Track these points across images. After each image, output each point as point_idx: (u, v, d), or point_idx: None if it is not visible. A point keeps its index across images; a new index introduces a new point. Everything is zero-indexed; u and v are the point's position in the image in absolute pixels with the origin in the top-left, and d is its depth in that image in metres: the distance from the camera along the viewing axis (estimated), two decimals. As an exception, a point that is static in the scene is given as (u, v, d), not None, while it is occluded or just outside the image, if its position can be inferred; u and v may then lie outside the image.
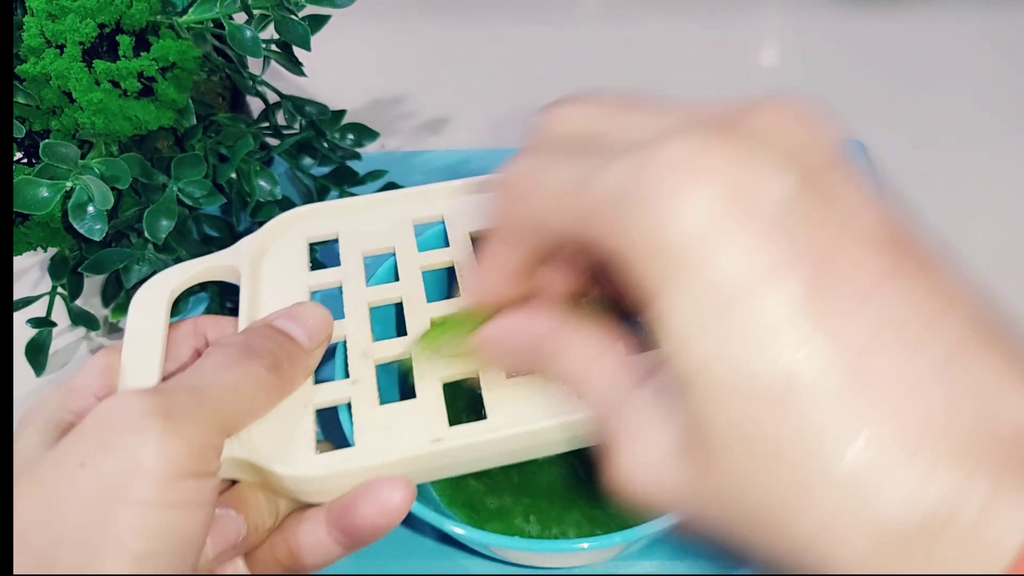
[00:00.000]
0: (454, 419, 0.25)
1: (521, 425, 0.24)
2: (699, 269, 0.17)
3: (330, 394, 0.25)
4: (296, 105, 0.43)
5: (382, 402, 0.25)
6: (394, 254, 0.30)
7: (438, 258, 0.29)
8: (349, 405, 0.25)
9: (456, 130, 0.55)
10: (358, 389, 0.25)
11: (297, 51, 0.39)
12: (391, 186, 0.45)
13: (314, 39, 0.37)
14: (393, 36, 0.62)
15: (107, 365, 0.25)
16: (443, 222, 0.31)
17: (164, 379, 0.25)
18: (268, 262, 0.29)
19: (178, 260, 0.37)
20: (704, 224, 0.17)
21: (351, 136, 0.45)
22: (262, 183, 0.39)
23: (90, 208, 0.32)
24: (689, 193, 0.17)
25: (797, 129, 0.19)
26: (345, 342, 0.27)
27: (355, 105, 0.51)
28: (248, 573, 0.25)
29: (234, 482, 0.24)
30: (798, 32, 0.62)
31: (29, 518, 0.20)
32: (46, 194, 0.31)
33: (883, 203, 0.18)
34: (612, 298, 0.25)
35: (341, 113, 0.44)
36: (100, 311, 0.43)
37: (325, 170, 0.44)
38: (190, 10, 0.36)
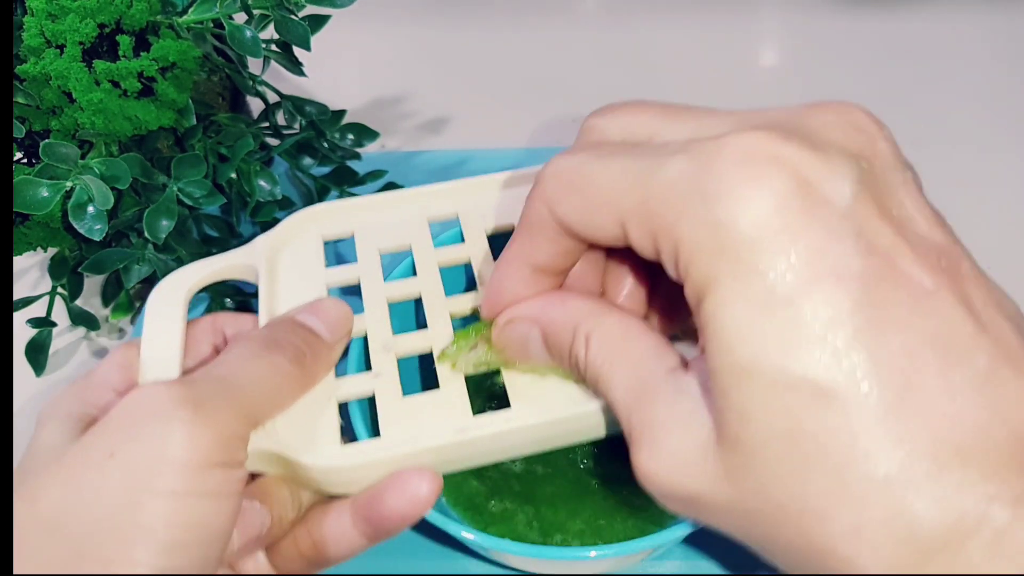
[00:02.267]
0: (478, 409, 0.25)
1: (544, 414, 0.24)
2: (759, 265, 0.17)
3: (354, 387, 0.26)
4: (296, 105, 0.43)
5: (405, 393, 0.25)
6: (411, 251, 0.30)
7: (454, 254, 0.30)
8: (371, 399, 0.25)
9: (456, 130, 0.55)
10: (381, 382, 0.26)
11: (297, 51, 0.39)
12: (391, 186, 0.45)
13: (314, 39, 0.37)
14: (393, 36, 0.62)
15: (126, 360, 0.26)
16: (458, 220, 0.31)
17: (184, 374, 0.25)
18: (285, 260, 0.30)
19: (178, 260, 0.37)
20: (770, 219, 0.17)
21: (351, 136, 0.45)
22: (262, 183, 0.39)
23: (90, 208, 0.32)
24: (757, 186, 0.17)
25: (858, 131, 0.19)
26: (366, 336, 0.27)
27: (355, 105, 0.51)
28: (267, 571, 0.25)
29: (256, 475, 0.24)
30: (798, 32, 0.62)
31: (60, 508, 0.20)
32: (46, 194, 0.31)
33: (934, 208, 0.19)
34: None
35: (341, 113, 0.44)
36: (100, 311, 0.43)
37: (325, 170, 0.44)
38: (190, 10, 0.36)
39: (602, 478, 0.35)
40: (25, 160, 0.36)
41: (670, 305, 0.25)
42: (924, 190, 0.19)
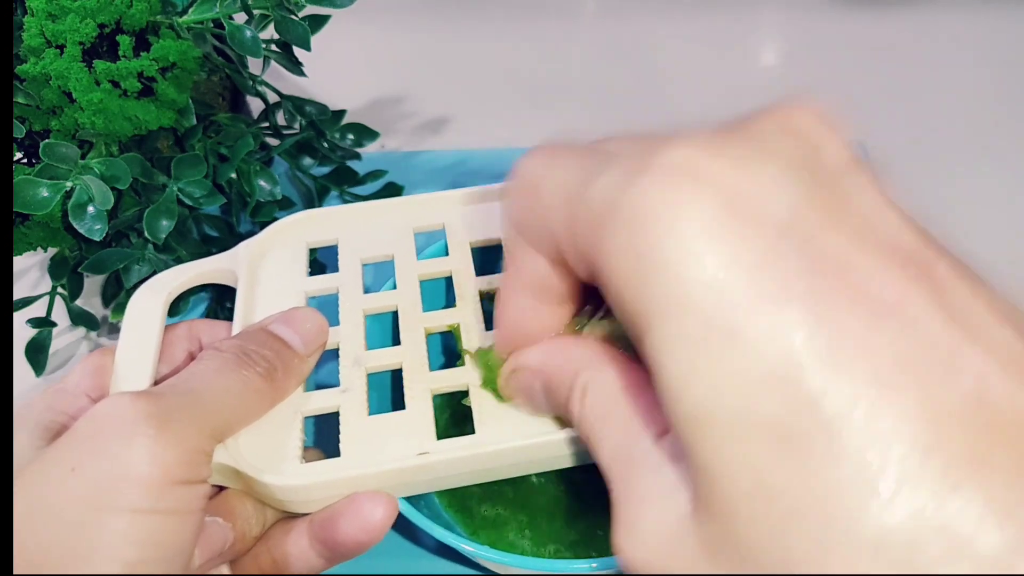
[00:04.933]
0: (445, 430, 0.24)
1: (509, 441, 0.23)
2: (693, 296, 0.15)
3: (319, 402, 0.25)
4: (296, 105, 0.43)
5: (372, 412, 0.25)
6: (393, 262, 0.30)
7: (437, 267, 0.29)
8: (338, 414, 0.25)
9: (456, 130, 0.55)
10: (348, 398, 0.25)
11: (297, 51, 0.39)
12: (391, 186, 0.45)
13: (314, 39, 0.37)
14: (393, 36, 0.62)
15: (100, 366, 0.25)
16: (444, 231, 0.30)
17: (156, 382, 0.25)
18: (266, 267, 0.29)
19: (178, 260, 0.37)
20: (697, 244, 0.15)
21: (351, 136, 0.45)
22: (262, 183, 0.39)
23: (90, 208, 0.32)
24: (683, 205, 0.15)
25: (808, 133, 0.17)
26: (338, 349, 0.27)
27: (355, 105, 0.51)
28: None
29: (222, 488, 0.24)
30: (798, 32, 0.62)
31: (19, 524, 0.20)
32: (46, 194, 0.31)
33: (903, 209, 0.17)
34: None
35: (341, 113, 0.44)
36: (100, 311, 0.43)
37: (325, 170, 0.44)
38: (190, 10, 0.36)
39: (598, 489, 0.34)
40: (25, 160, 0.36)
41: None
42: (921, 188, 0.18)
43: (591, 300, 0.22)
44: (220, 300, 0.41)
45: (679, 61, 0.59)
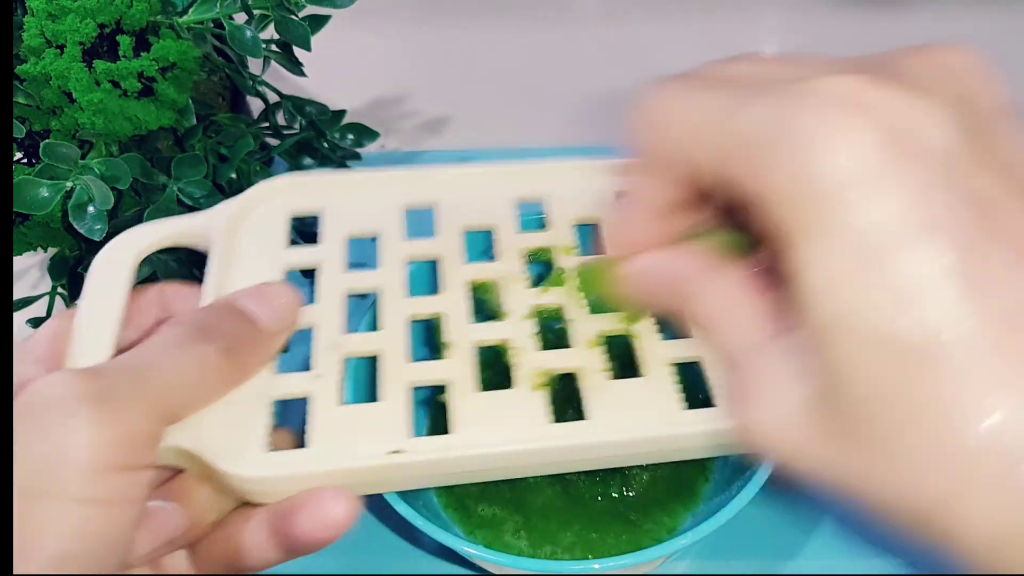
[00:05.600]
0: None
1: (489, 445, 0.22)
2: (849, 216, 0.16)
3: (289, 387, 0.23)
4: (296, 105, 0.43)
5: (348, 401, 0.23)
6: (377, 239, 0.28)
7: (424, 249, 0.27)
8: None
9: (456, 130, 0.55)
10: (319, 384, 0.23)
11: (297, 51, 0.39)
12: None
13: (314, 39, 0.37)
14: (393, 36, 0.62)
15: (59, 330, 0.23)
16: (434, 211, 0.29)
17: (122, 350, 0.23)
18: (244, 232, 0.27)
19: (179, 260, 0.37)
20: (860, 167, 0.16)
21: (351, 136, 0.45)
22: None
23: (90, 208, 0.32)
24: (847, 132, 0.16)
25: (962, 76, 0.18)
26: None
27: (355, 105, 0.51)
28: (188, 571, 0.23)
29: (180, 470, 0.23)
30: (798, 32, 0.62)
31: None
32: (46, 194, 0.31)
33: None
34: (752, 238, 0.23)
35: (341, 113, 0.44)
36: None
37: (325, 170, 0.44)
38: (190, 10, 0.36)
39: (596, 490, 0.34)
40: (25, 160, 0.36)
41: None
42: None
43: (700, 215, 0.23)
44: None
45: (679, 61, 0.59)
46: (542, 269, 0.28)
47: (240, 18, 0.36)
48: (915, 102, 0.16)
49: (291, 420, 0.24)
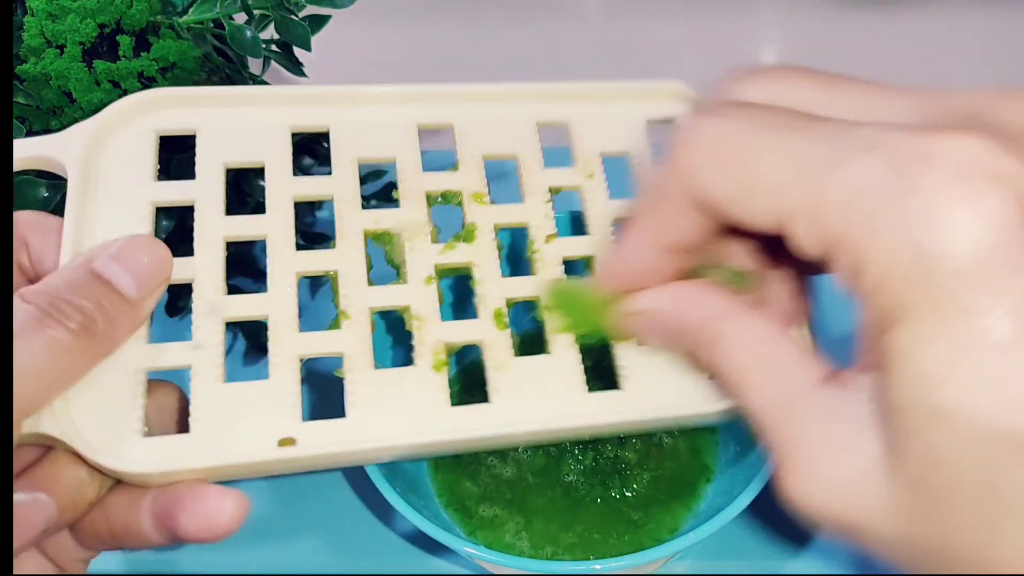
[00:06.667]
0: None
1: (381, 440, 0.21)
2: (972, 303, 0.15)
3: (166, 358, 0.21)
4: (296, 105, 0.43)
5: (230, 377, 0.21)
6: (263, 169, 0.24)
7: (315, 187, 0.24)
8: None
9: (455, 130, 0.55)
10: (200, 356, 0.21)
11: (297, 51, 0.39)
12: (390, 186, 0.45)
13: (314, 39, 0.37)
14: (393, 36, 0.62)
15: None
16: (328, 136, 0.25)
17: None
18: (105, 161, 0.23)
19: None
20: (988, 250, 0.14)
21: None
22: (262, 183, 0.39)
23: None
24: (976, 210, 0.14)
25: None
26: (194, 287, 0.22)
27: (355, 105, 0.51)
28: (72, 550, 0.22)
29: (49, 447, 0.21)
30: (798, 32, 0.62)
31: None
32: (46, 194, 0.31)
33: None
34: (758, 274, 0.22)
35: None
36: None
37: (325, 170, 0.44)
38: (190, 10, 0.36)
39: (597, 491, 0.34)
40: (25, 160, 0.36)
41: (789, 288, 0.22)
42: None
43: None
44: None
45: (679, 61, 0.59)
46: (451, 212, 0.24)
47: (240, 18, 0.36)
48: None
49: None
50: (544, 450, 0.35)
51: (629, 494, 0.34)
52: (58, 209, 0.32)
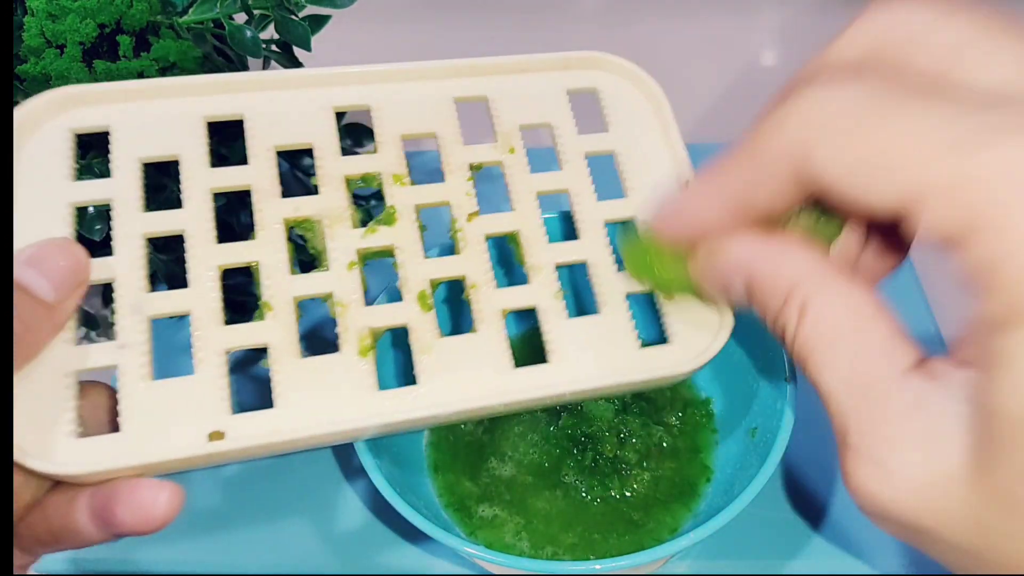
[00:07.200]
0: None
1: (311, 429, 0.21)
2: None
3: (92, 359, 0.21)
4: (296, 105, 0.43)
5: (178, 371, 0.21)
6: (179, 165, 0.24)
7: (232, 178, 0.24)
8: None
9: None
10: (126, 356, 0.21)
11: (297, 51, 0.39)
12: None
13: (314, 39, 0.37)
14: (393, 36, 0.62)
15: None
16: (243, 125, 0.25)
17: None
18: (22, 162, 0.23)
19: (178, 261, 0.36)
20: None
21: (349, 138, 0.45)
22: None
23: (90, 208, 0.32)
24: None
25: None
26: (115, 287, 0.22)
27: (355, 105, 0.51)
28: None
29: None
30: (798, 32, 0.62)
31: None
32: (46, 194, 0.31)
33: None
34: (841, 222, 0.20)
35: (341, 114, 0.44)
36: (100, 311, 0.43)
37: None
38: (190, 10, 0.36)
39: (597, 491, 0.34)
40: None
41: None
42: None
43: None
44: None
45: (679, 61, 0.59)
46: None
47: (240, 18, 0.36)
48: None
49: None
50: (544, 450, 0.35)
51: (629, 494, 0.34)
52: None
